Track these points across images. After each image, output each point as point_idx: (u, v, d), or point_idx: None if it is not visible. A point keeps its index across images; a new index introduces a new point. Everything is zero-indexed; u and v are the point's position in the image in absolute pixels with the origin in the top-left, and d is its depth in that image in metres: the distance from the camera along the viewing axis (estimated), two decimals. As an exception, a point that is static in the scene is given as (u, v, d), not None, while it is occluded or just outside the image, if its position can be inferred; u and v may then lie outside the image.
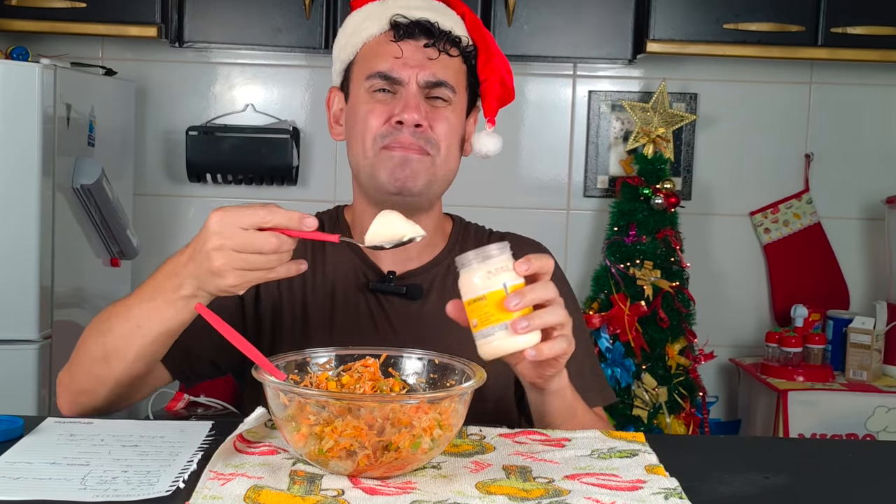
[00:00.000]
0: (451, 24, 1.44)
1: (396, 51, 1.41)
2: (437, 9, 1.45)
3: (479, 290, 1.13)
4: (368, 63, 1.43)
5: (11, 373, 2.34)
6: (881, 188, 3.10)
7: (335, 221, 1.56)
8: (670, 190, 2.92)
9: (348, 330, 1.46)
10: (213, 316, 1.15)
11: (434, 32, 1.41)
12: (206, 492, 1.00)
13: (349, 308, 1.47)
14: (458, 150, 1.48)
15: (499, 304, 1.12)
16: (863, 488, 1.14)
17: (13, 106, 2.33)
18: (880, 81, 3.14)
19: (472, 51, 1.47)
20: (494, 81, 1.47)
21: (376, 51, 1.43)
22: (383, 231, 1.15)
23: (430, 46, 1.42)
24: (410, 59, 1.41)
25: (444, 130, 1.42)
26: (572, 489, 1.05)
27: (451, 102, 1.44)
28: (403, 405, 1.04)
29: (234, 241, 1.13)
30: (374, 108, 1.42)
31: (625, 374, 2.79)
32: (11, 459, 1.10)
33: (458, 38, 1.44)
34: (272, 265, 1.14)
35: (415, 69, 1.41)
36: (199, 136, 2.99)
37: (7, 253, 2.34)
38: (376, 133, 1.41)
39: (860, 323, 2.90)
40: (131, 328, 1.28)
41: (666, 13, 2.78)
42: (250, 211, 1.13)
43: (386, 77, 1.41)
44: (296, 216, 1.13)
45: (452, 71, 1.44)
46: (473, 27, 1.47)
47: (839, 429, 2.72)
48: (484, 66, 1.47)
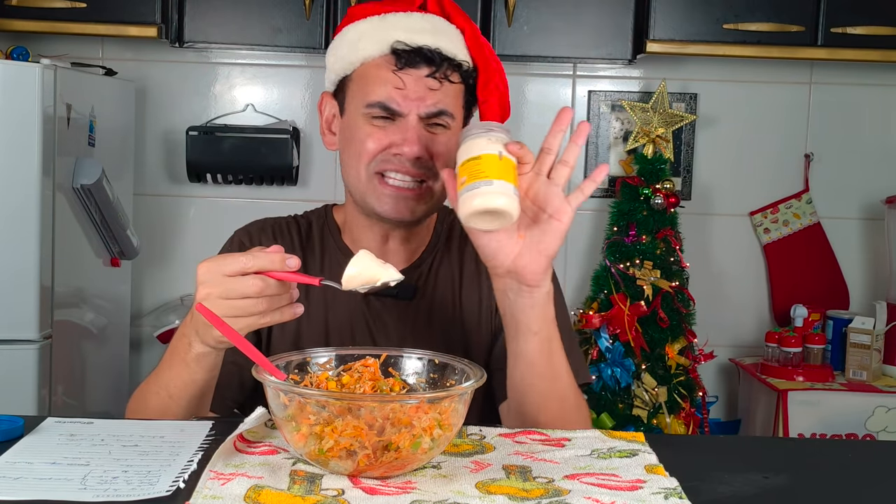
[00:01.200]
0: (453, 47, 1.40)
1: (397, 81, 1.38)
2: (438, 30, 1.41)
3: (475, 151, 1.17)
4: (367, 88, 1.40)
5: (11, 373, 2.34)
6: (881, 188, 3.11)
7: (324, 221, 1.56)
8: (670, 190, 2.92)
9: (343, 332, 1.47)
10: (213, 316, 1.16)
11: (436, 61, 1.38)
12: (207, 492, 1.00)
13: (342, 311, 1.47)
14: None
15: (491, 164, 1.16)
16: (863, 488, 1.14)
17: (13, 106, 2.33)
18: (880, 81, 3.14)
19: (473, 72, 1.44)
20: (493, 103, 1.44)
21: (376, 77, 1.39)
22: (358, 275, 1.15)
23: (432, 76, 1.38)
24: (412, 91, 1.38)
25: (443, 156, 1.40)
26: (572, 489, 1.05)
27: (450, 127, 1.42)
28: (403, 405, 1.04)
29: (219, 289, 1.14)
30: (371, 133, 1.40)
31: (625, 374, 2.79)
32: (11, 459, 1.10)
33: (459, 64, 1.41)
34: (261, 309, 1.15)
35: (416, 101, 1.38)
36: (199, 136, 2.99)
37: (7, 253, 2.34)
38: (372, 157, 1.40)
39: (860, 323, 2.90)
40: (164, 399, 1.31)
41: (666, 13, 2.79)
42: (232, 258, 1.14)
43: (386, 108, 1.39)
44: (277, 258, 1.14)
45: (452, 97, 1.41)
46: (473, 43, 1.43)
47: (839, 429, 2.72)
48: (483, 87, 1.44)
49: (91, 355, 2.74)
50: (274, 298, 1.15)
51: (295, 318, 1.19)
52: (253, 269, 1.14)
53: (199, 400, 1.31)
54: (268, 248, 1.16)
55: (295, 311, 1.18)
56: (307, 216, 1.59)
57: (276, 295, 1.15)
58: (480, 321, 1.51)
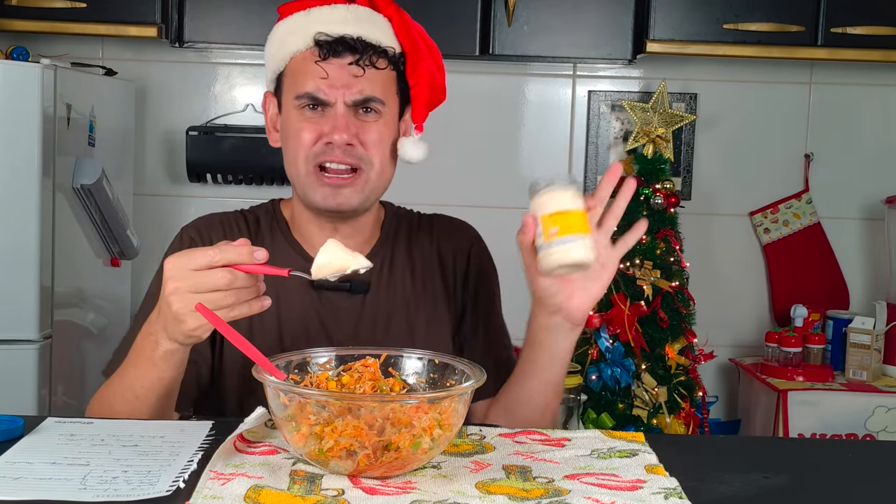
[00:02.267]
0: (377, 34, 1.43)
1: (321, 72, 1.41)
2: (361, 18, 1.44)
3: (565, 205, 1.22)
4: (295, 81, 1.43)
5: (11, 373, 2.34)
6: (881, 188, 3.10)
7: (272, 216, 1.56)
8: (670, 190, 2.92)
9: (295, 326, 1.47)
10: (213, 315, 1.16)
11: (358, 48, 1.41)
12: (207, 492, 1.00)
13: (294, 306, 1.47)
14: (393, 159, 1.49)
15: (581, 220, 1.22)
16: (863, 488, 1.14)
17: (13, 106, 2.33)
18: (880, 81, 3.14)
19: (401, 58, 1.46)
20: (423, 86, 1.47)
21: (302, 69, 1.43)
22: (327, 264, 1.16)
23: (355, 63, 1.41)
24: (336, 79, 1.40)
25: (375, 143, 1.43)
26: (572, 489, 1.05)
27: (382, 114, 1.44)
28: (403, 405, 1.04)
29: (187, 283, 1.15)
30: (303, 127, 1.43)
31: (625, 374, 2.79)
32: (11, 459, 1.10)
33: (385, 50, 1.43)
34: (230, 302, 1.15)
35: (341, 89, 1.41)
36: (199, 136, 2.99)
37: (7, 253, 2.34)
38: (308, 152, 1.43)
39: (860, 323, 2.90)
40: (131, 400, 1.30)
41: (666, 13, 2.79)
42: (200, 252, 1.15)
43: (313, 98, 1.42)
44: (246, 251, 1.14)
45: (380, 83, 1.43)
46: (401, 29, 1.46)
47: (839, 429, 2.72)
48: (412, 70, 1.46)
49: (91, 355, 2.74)
50: (242, 291, 1.16)
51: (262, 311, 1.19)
52: (221, 262, 1.14)
53: (165, 399, 1.31)
54: (235, 242, 1.17)
55: (263, 303, 1.19)
56: (254, 211, 1.58)
57: (244, 288, 1.16)
58: (440, 318, 1.53)
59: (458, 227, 1.60)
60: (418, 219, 1.60)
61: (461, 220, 1.62)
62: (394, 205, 1.61)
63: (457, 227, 1.60)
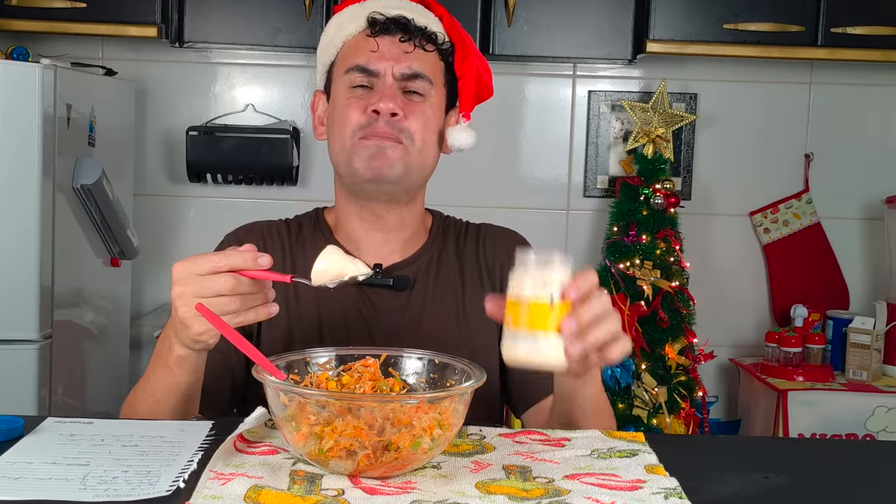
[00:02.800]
0: (429, 22, 1.48)
1: (373, 45, 1.45)
2: (414, 9, 1.49)
3: (526, 292, 1.11)
4: (347, 59, 1.47)
5: (11, 373, 2.34)
6: (881, 188, 3.10)
7: (315, 224, 1.57)
8: (670, 190, 2.92)
9: (336, 325, 1.47)
10: (212, 315, 1.16)
11: (409, 28, 1.45)
12: (207, 492, 1.00)
13: (336, 301, 1.47)
14: (436, 146, 1.50)
15: (539, 314, 1.10)
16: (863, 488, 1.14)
17: (13, 106, 2.33)
18: (880, 81, 3.14)
19: (449, 48, 1.50)
20: (470, 78, 1.50)
21: (354, 47, 1.47)
22: (326, 271, 1.16)
23: (406, 41, 1.45)
24: (386, 52, 1.45)
25: (420, 122, 1.45)
26: (572, 489, 1.05)
27: (428, 97, 1.47)
28: (403, 405, 1.04)
29: (192, 288, 1.15)
30: (352, 103, 1.45)
31: (625, 374, 2.79)
32: (11, 459, 1.10)
33: (434, 34, 1.48)
34: (235, 308, 1.15)
35: (390, 61, 1.44)
36: (199, 136, 2.99)
37: (7, 253, 2.34)
38: (355, 125, 1.44)
39: (860, 323, 2.90)
40: (152, 404, 1.32)
41: (666, 13, 2.79)
42: (206, 257, 1.16)
43: (363, 69, 1.45)
44: (249, 256, 1.15)
45: (428, 64, 1.47)
46: (451, 27, 1.51)
47: (839, 429, 2.72)
48: (461, 62, 1.50)
49: (91, 355, 2.74)
50: (248, 297, 1.16)
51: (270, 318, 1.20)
52: (225, 267, 1.14)
53: (184, 404, 1.32)
54: (240, 248, 1.17)
55: (269, 310, 1.19)
56: (297, 219, 1.60)
57: (249, 293, 1.16)
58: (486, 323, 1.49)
59: (506, 233, 1.60)
60: (466, 226, 1.61)
61: (509, 228, 1.62)
62: (443, 214, 1.62)
63: (505, 234, 1.60)
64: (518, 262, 1.13)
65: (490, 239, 1.57)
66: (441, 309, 1.50)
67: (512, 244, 1.54)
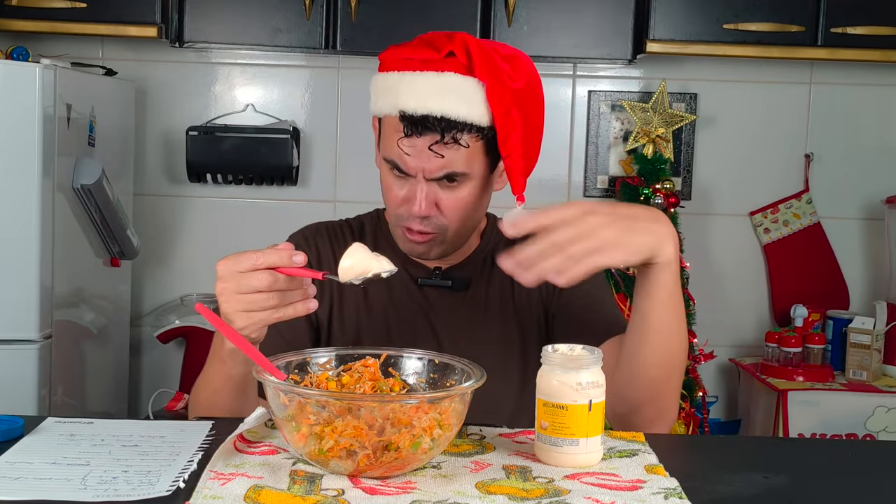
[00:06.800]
0: (463, 109, 1.38)
1: (405, 147, 1.41)
2: (449, 90, 1.39)
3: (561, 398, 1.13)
4: (384, 143, 1.46)
5: (11, 373, 2.34)
6: (881, 188, 3.10)
7: (375, 223, 1.62)
8: (670, 190, 2.92)
9: (402, 323, 1.53)
10: (211, 315, 1.18)
11: (441, 128, 1.38)
12: (207, 492, 1.01)
13: (402, 303, 1.54)
14: (475, 212, 1.50)
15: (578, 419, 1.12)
16: (863, 488, 1.14)
17: (13, 106, 2.33)
18: (880, 81, 3.14)
19: (489, 132, 1.42)
20: (517, 158, 1.44)
21: (389, 136, 1.44)
22: (351, 268, 1.20)
23: (438, 143, 1.39)
24: (417, 158, 1.40)
25: (453, 209, 1.45)
26: (572, 489, 1.05)
27: (464, 182, 1.44)
28: (403, 405, 1.04)
29: (232, 284, 1.19)
30: (392, 185, 1.47)
31: (625, 374, 2.79)
32: (11, 459, 1.10)
33: (471, 126, 1.40)
34: (273, 304, 1.19)
35: (422, 165, 1.41)
36: (199, 136, 2.99)
37: (7, 253, 2.34)
38: (396, 211, 1.48)
39: (860, 323, 2.90)
40: (210, 393, 1.37)
41: (666, 13, 2.78)
42: (246, 255, 1.19)
43: (397, 167, 1.44)
44: (285, 254, 1.19)
45: (463, 158, 1.41)
46: (494, 96, 1.40)
47: (839, 429, 2.72)
48: (504, 143, 1.42)
49: (91, 355, 2.74)
50: (286, 294, 1.20)
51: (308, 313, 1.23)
52: (263, 265, 1.18)
53: (241, 394, 1.35)
54: (279, 245, 1.22)
55: (308, 306, 1.22)
56: (359, 219, 1.64)
57: (287, 290, 1.20)
58: (531, 318, 1.56)
59: None
60: None
61: None
62: (494, 216, 1.63)
63: None
64: (544, 360, 1.16)
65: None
66: (496, 308, 1.56)
67: None
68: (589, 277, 1.53)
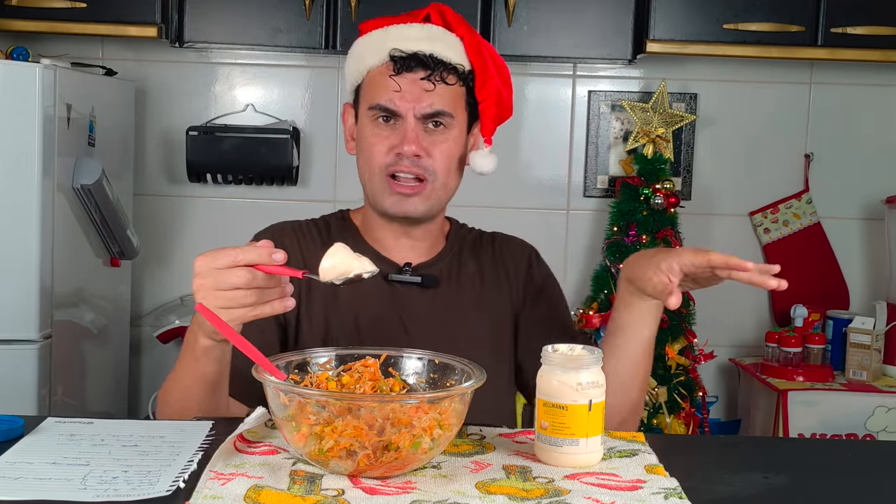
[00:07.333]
0: (449, 52, 1.51)
1: (394, 85, 1.49)
2: (434, 36, 1.52)
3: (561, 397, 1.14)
4: (370, 93, 1.52)
5: (11, 373, 2.34)
6: (881, 188, 3.10)
7: (341, 223, 1.63)
8: (670, 190, 2.92)
9: (372, 322, 1.53)
10: (211, 314, 1.18)
11: (430, 64, 1.49)
12: (207, 492, 1.01)
13: (371, 300, 1.54)
14: (459, 170, 1.57)
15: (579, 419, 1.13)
16: (863, 488, 1.14)
17: (13, 106, 2.33)
18: (880, 81, 3.14)
19: (470, 75, 1.54)
20: (491, 103, 1.55)
21: (377, 82, 1.52)
22: (332, 268, 1.19)
23: (427, 79, 1.49)
24: (408, 92, 1.49)
25: (443, 157, 1.52)
26: (572, 489, 1.05)
27: (450, 128, 1.52)
28: (403, 405, 1.05)
29: (210, 280, 1.19)
30: (376, 140, 1.51)
31: (625, 374, 2.79)
32: (11, 459, 1.10)
33: (455, 67, 1.51)
34: (251, 301, 1.19)
35: (412, 102, 1.49)
36: (199, 136, 2.99)
37: (7, 253, 2.34)
38: (381, 163, 1.51)
39: (860, 323, 2.90)
40: (182, 391, 1.37)
41: (666, 13, 2.78)
42: (225, 252, 1.19)
43: (385, 109, 1.50)
44: (265, 252, 1.19)
45: (449, 98, 1.51)
46: (472, 48, 1.54)
47: (839, 429, 2.72)
48: (481, 88, 1.54)
49: (91, 355, 2.74)
50: (264, 291, 1.20)
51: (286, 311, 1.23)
52: (243, 262, 1.18)
53: (212, 392, 1.35)
54: (258, 243, 1.21)
55: (285, 304, 1.22)
56: (325, 219, 1.66)
57: (265, 288, 1.20)
58: (503, 318, 1.59)
59: (518, 242, 1.69)
60: (480, 234, 1.69)
61: (521, 240, 1.70)
62: (458, 221, 1.69)
63: (516, 243, 1.68)
64: (545, 360, 1.17)
65: (505, 246, 1.66)
66: (466, 306, 1.57)
67: (525, 252, 1.65)
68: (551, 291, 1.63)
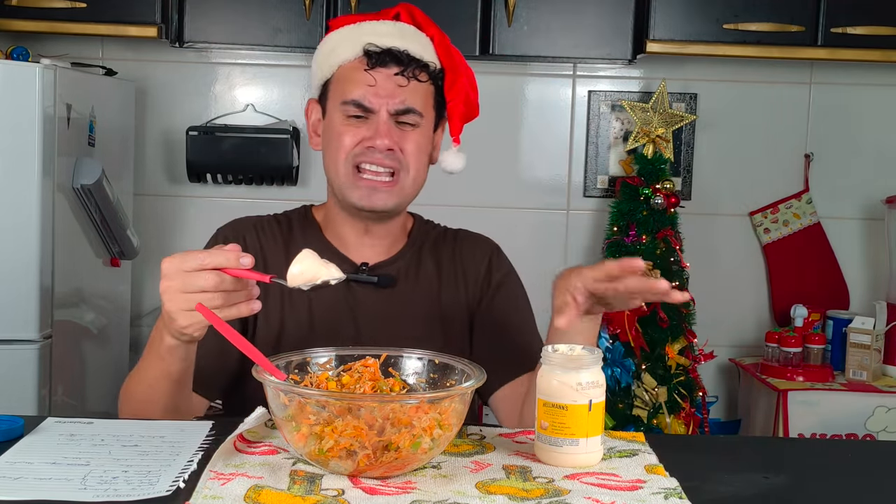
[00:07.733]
0: (421, 50, 1.53)
1: (369, 79, 1.51)
2: (406, 35, 1.54)
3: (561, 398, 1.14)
4: (343, 88, 1.52)
5: (11, 373, 2.34)
6: (881, 188, 3.10)
7: (303, 219, 1.64)
8: (670, 190, 2.92)
9: (326, 319, 1.53)
10: (212, 316, 1.18)
11: (404, 60, 1.51)
12: (207, 492, 1.01)
13: (326, 297, 1.53)
14: (426, 165, 1.58)
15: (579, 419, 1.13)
16: (863, 488, 1.14)
17: (13, 106, 2.33)
18: (880, 81, 3.14)
19: (440, 73, 1.56)
20: (459, 103, 1.57)
21: (350, 77, 1.52)
22: (300, 274, 1.20)
23: (400, 74, 1.51)
24: (381, 88, 1.50)
25: (413, 152, 1.53)
26: (572, 489, 1.05)
27: (419, 125, 1.53)
28: (403, 405, 1.05)
29: (177, 283, 1.20)
30: (346, 130, 1.52)
31: (625, 373, 2.79)
32: (11, 459, 1.10)
33: (427, 64, 1.53)
34: (217, 304, 1.19)
35: (385, 98, 1.50)
36: (199, 136, 2.99)
37: (7, 253, 2.34)
38: (349, 152, 1.52)
39: (860, 323, 2.90)
40: (145, 388, 1.37)
41: (666, 13, 2.78)
42: (193, 255, 1.20)
43: (359, 105, 1.51)
44: (233, 255, 1.19)
45: (420, 95, 1.53)
46: (442, 48, 1.56)
47: (839, 429, 2.72)
48: (450, 88, 1.56)
49: (91, 355, 2.74)
50: (231, 294, 1.20)
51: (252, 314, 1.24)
52: (210, 265, 1.19)
53: (177, 390, 1.36)
54: (226, 246, 1.21)
55: (252, 307, 1.23)
56: (287, 215, 1.67)
57: (232, 291, 1.20)
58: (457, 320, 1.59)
59: (480, 239, 1.68)
60: (444, 231, 1.68)
61: (483, 235, 1.70)
62: (422, 217, 1.69)
63: (478, 240, 1.68)
64: (545, 360, 1.17)
65: (466, 244, 1.65)
66: (419, 307, 1.57)
67: (486, 250, 1.64)
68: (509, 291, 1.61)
